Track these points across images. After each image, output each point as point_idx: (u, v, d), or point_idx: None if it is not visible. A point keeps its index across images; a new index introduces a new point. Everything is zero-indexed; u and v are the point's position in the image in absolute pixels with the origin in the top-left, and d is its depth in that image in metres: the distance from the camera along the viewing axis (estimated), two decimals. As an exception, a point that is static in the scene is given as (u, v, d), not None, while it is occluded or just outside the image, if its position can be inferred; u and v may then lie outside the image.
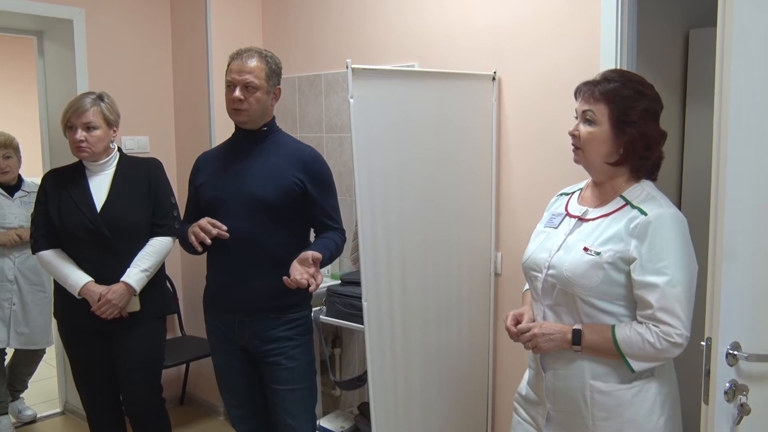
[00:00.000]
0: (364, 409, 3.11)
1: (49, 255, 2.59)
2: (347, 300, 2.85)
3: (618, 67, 2.35)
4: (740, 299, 1.38)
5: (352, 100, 2.17)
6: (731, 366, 1.38)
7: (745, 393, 1.38)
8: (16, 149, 3.57)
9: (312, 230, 2.42)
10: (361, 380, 2.98)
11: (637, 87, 1.71)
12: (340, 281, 3.06)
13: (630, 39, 2.41)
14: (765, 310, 1.41)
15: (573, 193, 1.91)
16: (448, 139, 2.53)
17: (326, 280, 3.29)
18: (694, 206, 3.18)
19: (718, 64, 1.35)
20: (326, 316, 2.97)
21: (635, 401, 1.69)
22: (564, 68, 2.51)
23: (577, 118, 1.77)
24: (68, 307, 2.60)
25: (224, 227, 2.22)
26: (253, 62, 2.26)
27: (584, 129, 1.73)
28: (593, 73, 2.39)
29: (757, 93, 1.36)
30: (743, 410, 1.38)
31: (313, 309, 2.56)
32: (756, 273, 1.40)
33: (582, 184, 1.92)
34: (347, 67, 2.15)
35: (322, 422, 3.17)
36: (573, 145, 1.78)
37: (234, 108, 2.27)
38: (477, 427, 2.80)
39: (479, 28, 2.76)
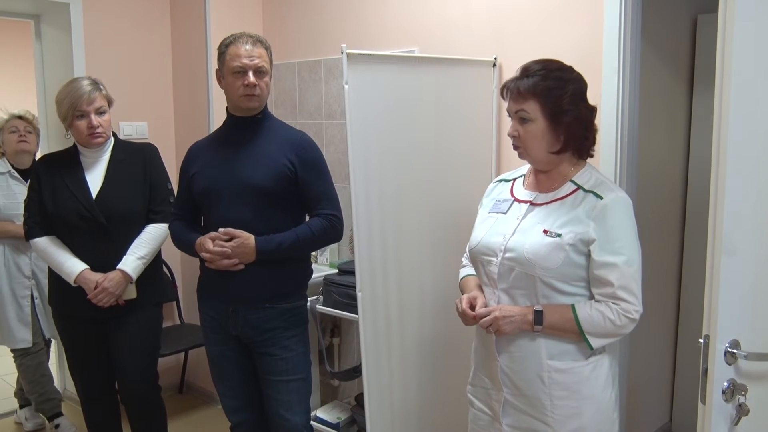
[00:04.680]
0: (361, 400, 3.07)
1: (43, 242, 2.56)
2: (344, 290, 2.82)
3: (618, 54, 2.33)
4: (740, 295, 1.34)
5: (347, 86, 2.13)
6: (730, 365, 1.34)
7: (743, 393, 1.34)
8: (38, 132, 3.44)
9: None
10: (357, 371, 2.95)
11: (559, 74, 1.73)
12: (337, 270, 3.02)
13: (634, 24, 2.35)
14: (766, 306, 1.36)
15: (515, 179, 1.95)
16: (447, 127, 2.48)
17: (323, 269, 3.26)
18: (702, 197, 3.10)
19: (719, 50, 1.30)
20: (323, 305, 2.94)
21: (592, 377, 1.75)
22: (567, 54, 2.41)
23: (511, 117, 1.79)
24: (63, 294, 2.58)
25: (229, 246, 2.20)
26: (259, 47, 2.24)
27: (521, 128, 1.75)
28: (596, 58, 2.38)
29: (758, 81, 1.30)
30: (742, 411, 1.35)
31: (310, 299, 2.53)
32: (757, 267, 1.35)
33: (523, 170, 1.95)
34: (342, 52, 2.11)
35: (319, 413, 3.14)
36: (514, 145, 1.80)
37: (247, 94, 2.22)
38: (475, 420, 2.76)
39: (480, 13, 2.71)
